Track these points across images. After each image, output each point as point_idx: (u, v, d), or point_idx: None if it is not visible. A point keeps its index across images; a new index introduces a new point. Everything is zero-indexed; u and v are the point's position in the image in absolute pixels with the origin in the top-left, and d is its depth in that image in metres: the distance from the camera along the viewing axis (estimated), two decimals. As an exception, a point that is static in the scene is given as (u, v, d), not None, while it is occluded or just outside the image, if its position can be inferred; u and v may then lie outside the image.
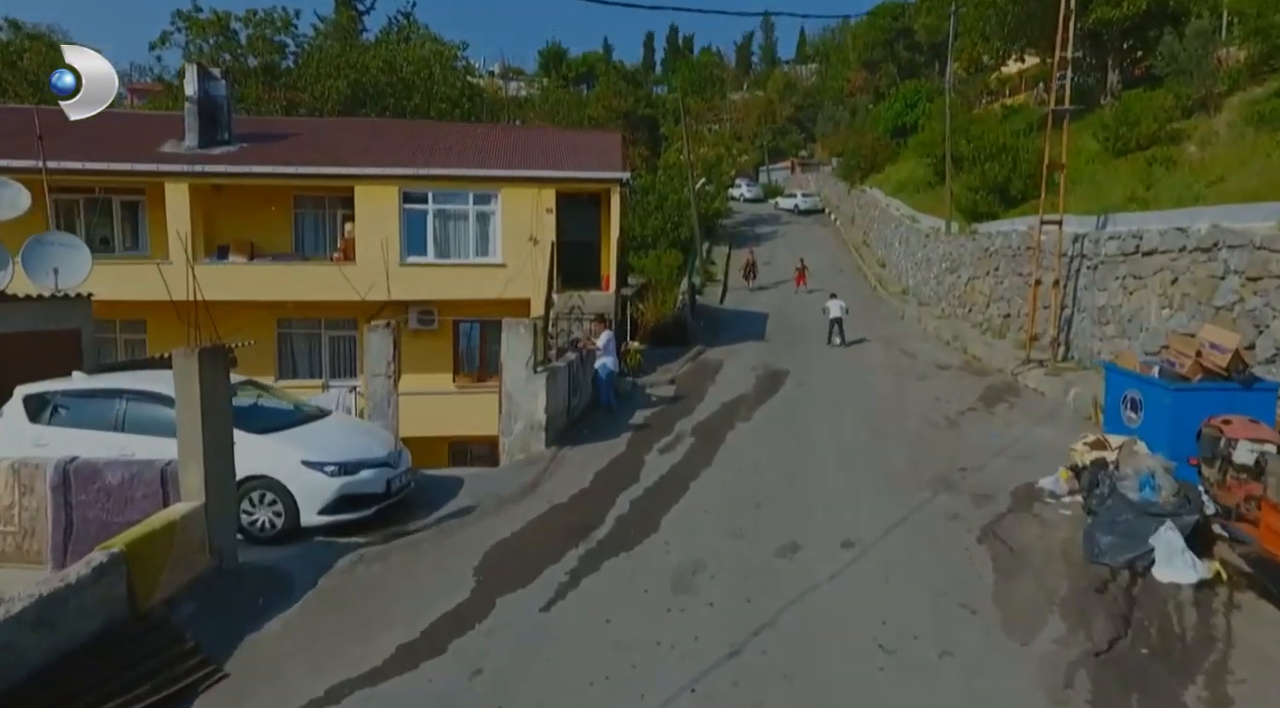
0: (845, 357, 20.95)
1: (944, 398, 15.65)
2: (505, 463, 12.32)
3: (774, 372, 18.85)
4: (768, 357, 20.87)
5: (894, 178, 44.61)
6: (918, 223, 33.19)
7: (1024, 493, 10.20)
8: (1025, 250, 20.09)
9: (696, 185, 38.84)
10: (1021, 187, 25.15)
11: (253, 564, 8.24)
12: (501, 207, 19.44)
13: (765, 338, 24.45)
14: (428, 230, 19.28)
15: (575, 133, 28.51)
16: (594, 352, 14.92)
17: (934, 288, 27.61)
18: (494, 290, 19.26)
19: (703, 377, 18.52)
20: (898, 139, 50.42)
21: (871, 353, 21.34)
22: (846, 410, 15.02)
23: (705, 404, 15.73)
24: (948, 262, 26.08)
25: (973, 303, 23.23)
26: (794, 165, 69.59)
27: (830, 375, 18.45)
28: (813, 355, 21.15)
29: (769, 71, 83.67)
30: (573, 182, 19.59)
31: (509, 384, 12.26)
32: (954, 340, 21.59)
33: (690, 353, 21.39)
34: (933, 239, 28.91)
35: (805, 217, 54.05)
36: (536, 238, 19.48)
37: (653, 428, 13.95)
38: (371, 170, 18.64)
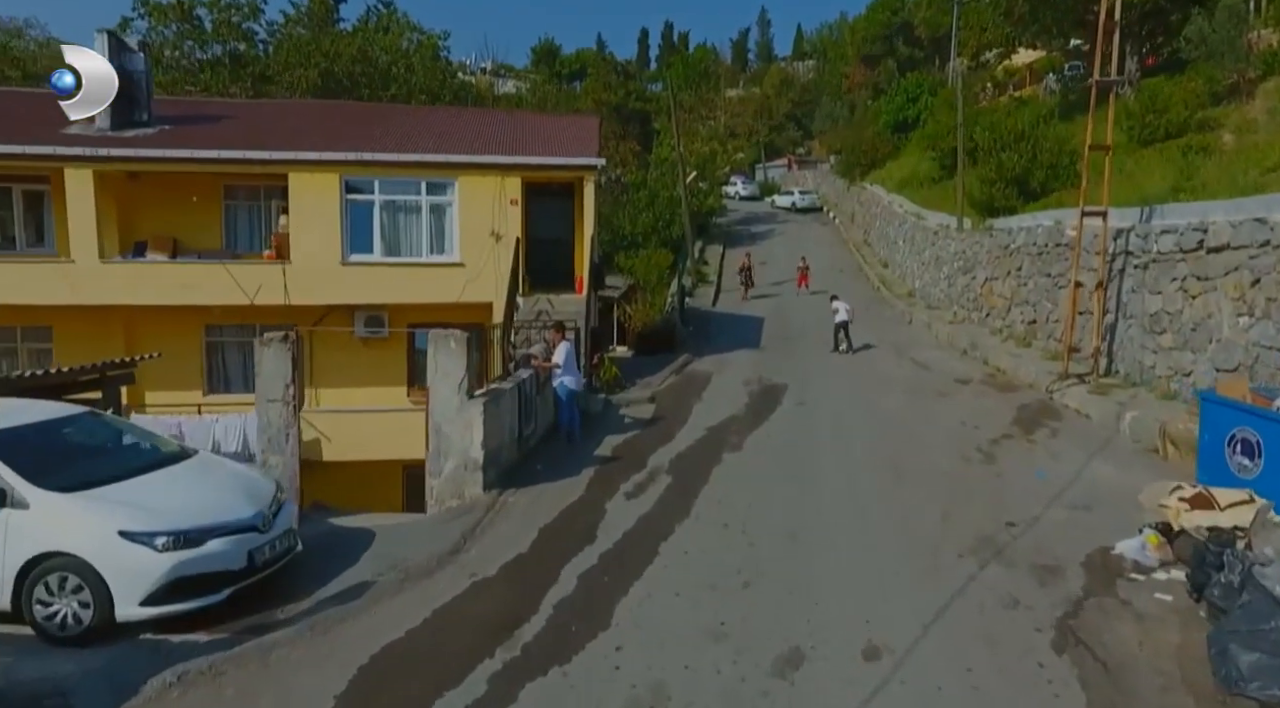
0: (850, 368, 18.34)
1: (971, 421, 13.05)
2: (432, 511, 9.71)
3: (769, 387, 16.24)
4: (763, 368, 18.26)
5: (896, 174, 42.03)
6: (924, 220, 30.60)
7: (1100, 563, 7.62)
8: (1054, 248, 17.51)
9: (688, 179, 36.20)
10: (1042, 178, 22.56)
11: (17, 685, 5.67)
12: (459, 197, 16.82)
13: (760, 345, 21.84)
14: (374, 224, 16.65)
15: (547, 116, 25.92)
16: (553, 369, 12.30)
17: (944, 290, 25.02)
18: (451, 293, 16.65)
19: (688, 393, 15.91)
20: (899, 134, 47.84)
21: (879, 363, 18.74)
22: (856, 438, 12.41)
23: (688, 429, 13.12)
24: (960, 261, 23.50)
25: (991, 307, 20.65)
26: (791, 162, 66.97)
27: (834, 392, 15.85)
28: (814, 366, 18.54)
29: (765, 68, 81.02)
30: (540, 169, 16.98)
31: (437, 413, 9.66)
32: (972, 349, 18.99)
33: (676, 363, 18.78)
34: (942, 237, 26.33)
35: (803, 215, 51.46)
36: (499, 233, 16.87)
37: (622, 462, 11.34)
38: (307, 155, 16.01)
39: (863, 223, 43.49)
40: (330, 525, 9.47)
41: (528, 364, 12.05)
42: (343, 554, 8.32)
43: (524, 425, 11.23)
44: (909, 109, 48.23)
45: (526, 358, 12.18)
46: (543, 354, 12.36)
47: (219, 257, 16.88)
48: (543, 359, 12.20)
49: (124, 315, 16.88)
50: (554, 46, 79.62)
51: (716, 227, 47.21)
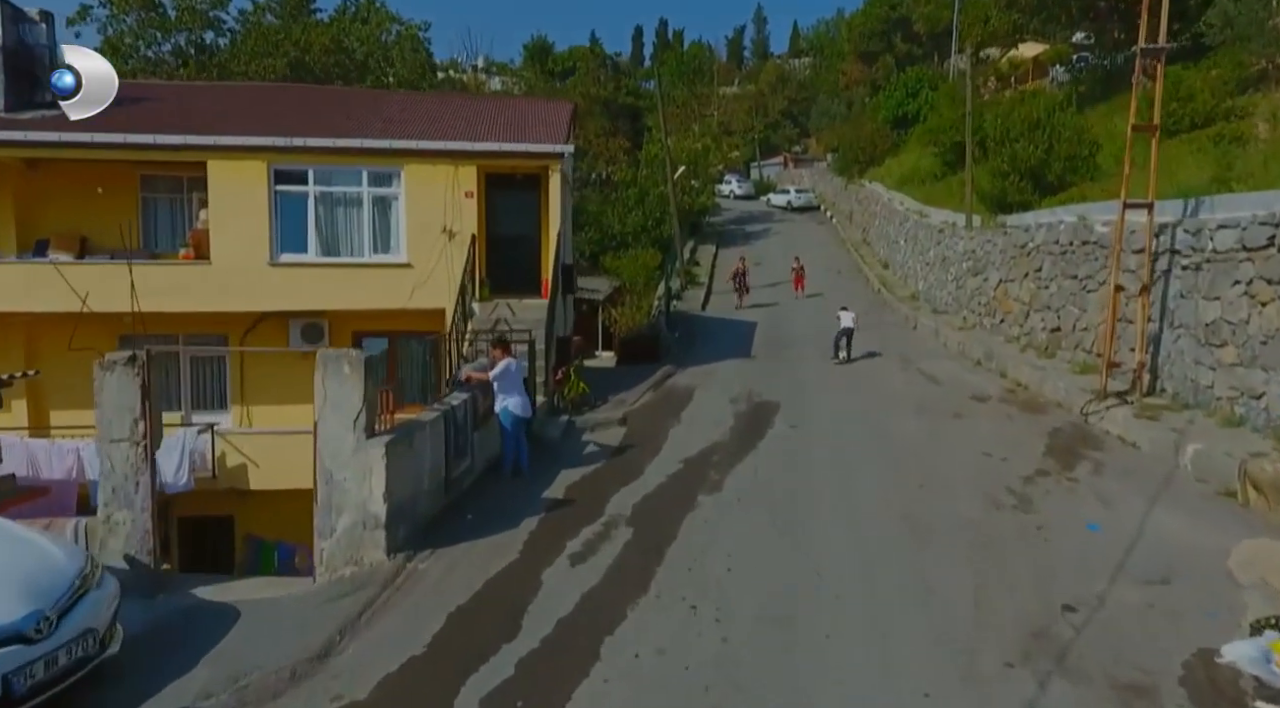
0: (851, 381, 16.14)
1: (996, 451, 10.85)
2: (321, 580, 7.51)
3: (759, 405, 14.05)
4: (753, 381, 16.06)
5: (896, 171, 39.86)
6: (927, 217, 28.41)
7: (1205, 679, 5.45)
8: (1080, 246, 15.33)
9: (676, 174, 34.02)
10: (1059, 170, 20.37)
11: None
12: (406, 189, 14.62)
13: (751, 354, 19.64)
14: (308, 219, 14.44)
15: (515, 99, 23.74)
16: (496, 391, 10.06)
17: (952, 292, 22.84)
18: (398, 298, 14.47)
19: (665, 413, 13.71)
20: (898, 130, 45.68)
21: (884, 376, 16.54)
22: (859, 474, 10.21)
23: (660, 461, 10.92)
24: (970, 261, 21.31)
25: (1006, 312, 18.46)
26: (787, 161, 64.72)
27: (833, 411, 13.66)
28: (810, 379, 16.34)
29: (761, 65, 78.79)
30: (498, 157, 14.77)
31: (327, 456, 7.46)
32: (987, 360, 16.80)
33: (655, 376, 16.56)
34: (948, 235, 24.13)
35: (799, 214, 49.25)
36: (452, 230, 14.69)
37: (574, 508, 9.15)
38: (228, 140, 13.79)
39: (861, 222, 41.32)
40: (193, 600, 7.28)
41: (463, 385, 9.85)
42: (180, 654, 6.14)
43: (454, 463, 9.03)
44: (909, 104, 46.07)
45: (462, 378, 9.96)
46: (479, 372, 10.14)
47: (135, 257, 14.66)
48: (476, 375, 9.99)
49: (25, 324, 14.68)
50: (547, 44, 77.21)
51: (710, 226, 45.04)
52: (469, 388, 9.76)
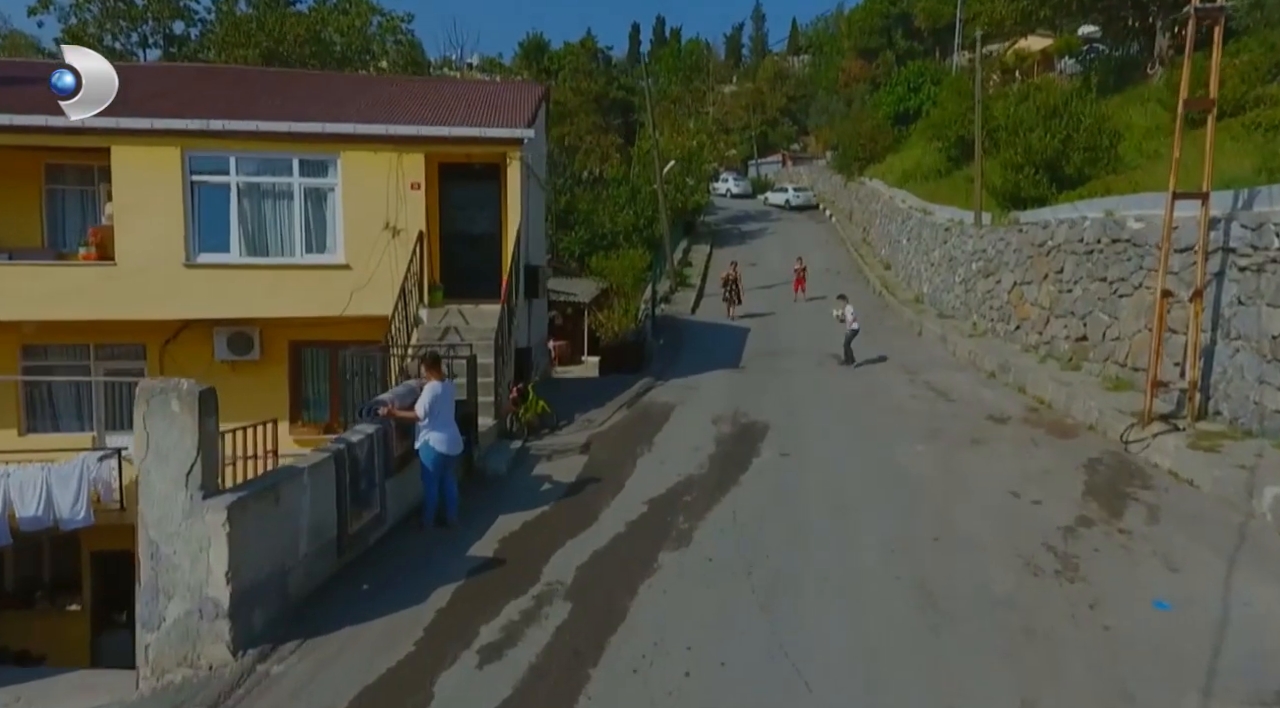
0: (851, 396, 14.19)
1: (1026, 490, 8.92)
2: (146, 686, 5.59)
3: (745, 426, 12.11)
4: (741, 396, 14.13)
5: (898, 167, 37.93)
6: (931, 215, 26.50)
7: None
8: (1110, 245, 13.39)
9: (665, 169, 32.09)
10: (1079, 162, 18.45)
11: None
12: (344, 179, 12.71)
13: (741, 364, 17.67)
14: (230, 214, 12.52)
15: (478, 83, 21.84)
16: (418, 420, 8.11)
17: (960, 295, 20.89)
18: (334, 303, 12.56)
19: (637, 437, 11.77)
20: (900, 127, 43.75)
21: (887, 389, 14.60)
22: (862, 524, 8.26)
23: (621, 503, 8.99)
24: (980, 262, 19.36)
25: (1022, 318, 16.51)
26: (785, 159, 62.75)
27: (830, 434, 11.71)
28: (805, 394, 14.40)
29: (759, 62, 76.76)
30: (447, 142, 12.84)
31: (151, 523, 5.55)
32: (1002, 372, 14.86)
33: (631, 390, 14.63)
34: (955, 234, 22.19)
35: (798, 212, 47.27)
36: (397, 226, 12.79)
37: (503, 572, 7.23)
38: (134, 122, 11.86)
39: (861, 221, 39.38)
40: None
41: (374, 416, 7.91)
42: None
43: (352, 516, 7.11)
44: (910, 99, 44.15)
45: (372, 407, 8.02)
46: (402, 401, 8.20)
47: (36, 257, 12.77)
48: (399, 407, 8.06)
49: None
50: (543, 42, 75.39)
51: (704, 225, 43.11)
52: (378, 421, 7.84)
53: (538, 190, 16.08)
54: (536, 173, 15.01)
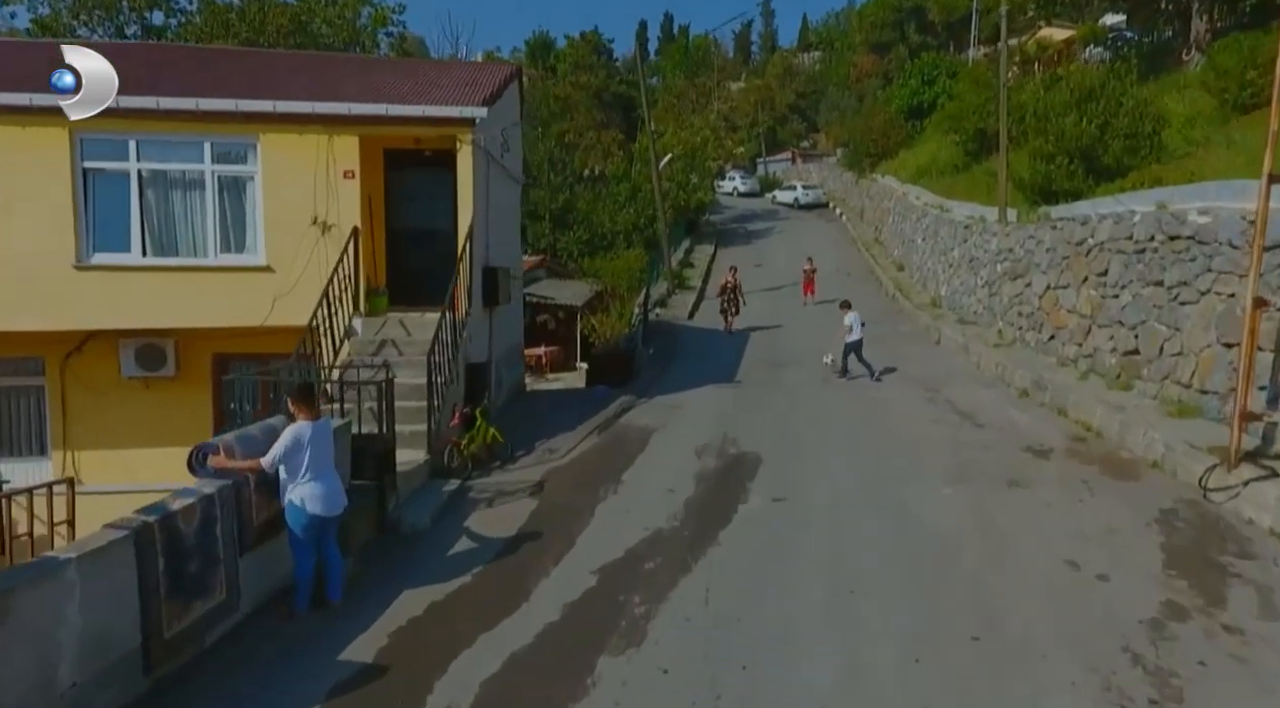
0: (860, 420, 12.05)
1: (1087, 559, 6.79)
2: None
3: (734, 460, 10.03)
4: (732, 418, 12.06)
5: (912, 163, 35.71)
6: (949, 213, 24.30)
7: None
8: (1167, 242, 11.21)
9: (662, 162, 30.06)
10: (1118, 151, 16.25)
11: None
12: (264, 166, 10.75)
13: (736, 378, 15.58)
14: (130, 208, 10.60)
15: (439, 63, 19.85)
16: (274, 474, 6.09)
17: (983, 299, 18.70)
18: (254, 312, 10.61)
19: (602, 473, 9.71)
20: (913, 121, 41.47)
21: (902, 409, 12.48)
22: (874, 612, 6.13)
23: (562, 572, 6.94)
24: (1006, 262, 17.17)
25: (1057, 326, 14.34)
26: (795, 156, 60.50)
27: (833, 471, 9.59)
28: (806, 417, 12.30)
29: (768, 59, 74.44)
30: (385, 123, 10.83)
31: None
32: (1037, 390, 12.70)
33: (608, 411, 12.58)
34: (976, 232, 19.99)
35: (807, 211, 45.06)
36: (327, 221, 10.82)
37: (378, 692, 5.21)
38: (12, 98, 9.96)
39: (873, 219, 37.17)
40: None
41: (205, 466, 5.89)
42: None
43: (174, 612, 5.10)
44: (924, 93, 41.82)
45: (202, 452, 5.99)
46: (247, 447, 6.16)
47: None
48: (240, 453, 6.03)
49: None
50: (548, 39, 73.50)
51: (709, 225, 41.04)
52: (216, 475, 5.82)
53: (505, 182, 14.07)
54: (500, 160, 12.99)
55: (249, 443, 6.20)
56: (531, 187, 36.21)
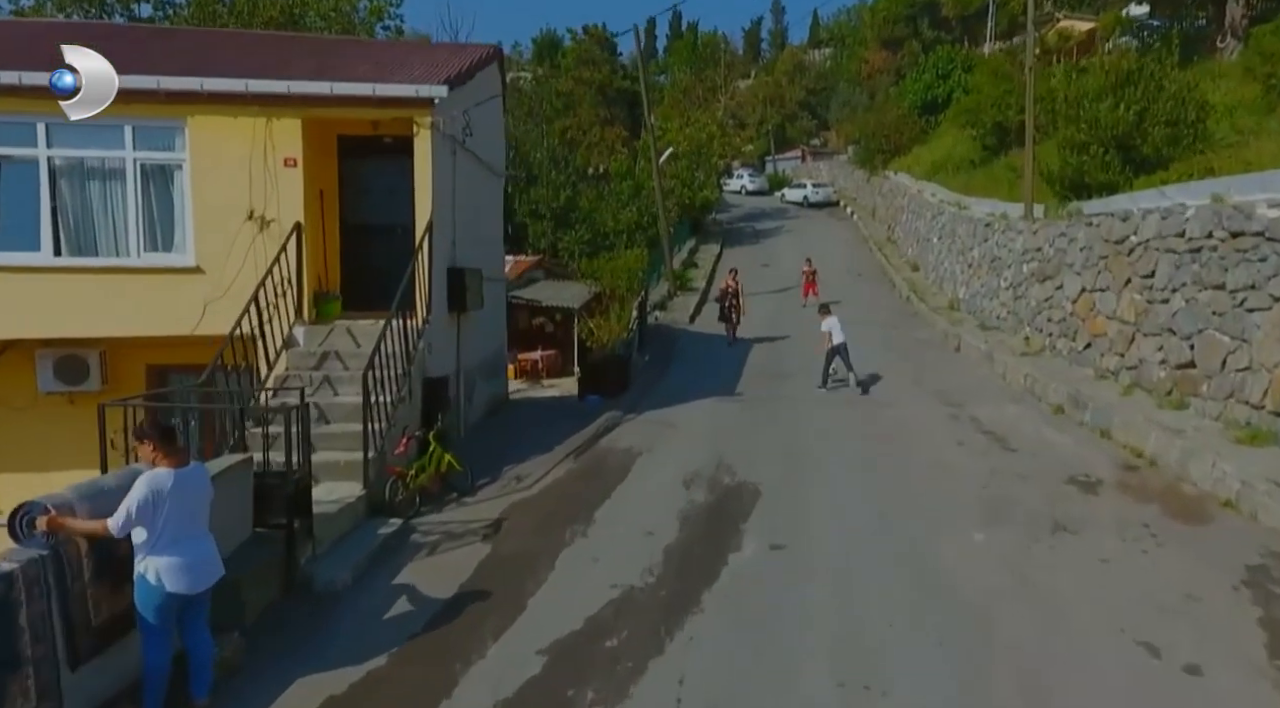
0: (874, 444, 10.53)
1: (1165, 640, 5.30)
2: None
3: (727, 493, 8.56)
4: (728, 439, 10.58)
5: (926, 159, 34.11)
6: (967, 210, 22.73)
7: None
8: (1229, 240, 9.66)
9: (662, 157, 28.64)
10: (1160, 140, 14.67)
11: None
12: (193, 153, 9.38)
13: (736, 389, 14.10)
14: (40, 201, 9.25)
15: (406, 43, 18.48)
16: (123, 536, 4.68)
17: (1007, 303, 17.13)
18: (183, 319, 9.24)
19: (572, 509, 8.26)
20: (927, 117, 39.82)
21: (924, 430, 10.97)
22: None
23: (503, 650, 5.50)
24: (1034, 262, 15.62)
25: (1094, 334, 12.79)
26: (805, 154, 58.79)
27: (845, 512, 8.08)
28: (812, 439, 10.78)
29: (778, 56, 72.74)
30: (331, 103, 9.43)
31: None
32: (1075, 407, 11.15)
33: (590, 430, 11.13)
34: (999, 230, 18.42)
35: (817, 210, 43.46)
36: (266, 216, 9.45)
37: None
38: (-104, 76, 8.66)
39: (885, 218, 35.59)
40: None
41: (31, 532, 4.50)
42: None
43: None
44: (939, 87, 40.16)
45: (26, 514, 4.60)
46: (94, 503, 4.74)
47: None
48: (82, 511, 4.63)
49: None
50: (556, 38, 72.08)
51: (715, 224, 39.50)
52: (36, 535, 4.43)
53: (479, 173, 12.65)
54: (470, 148, 11.56)
55: (99, 498, 4.78)
56: (532, 185, 34.90)
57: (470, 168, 11.97)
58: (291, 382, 8.82)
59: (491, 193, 14.29)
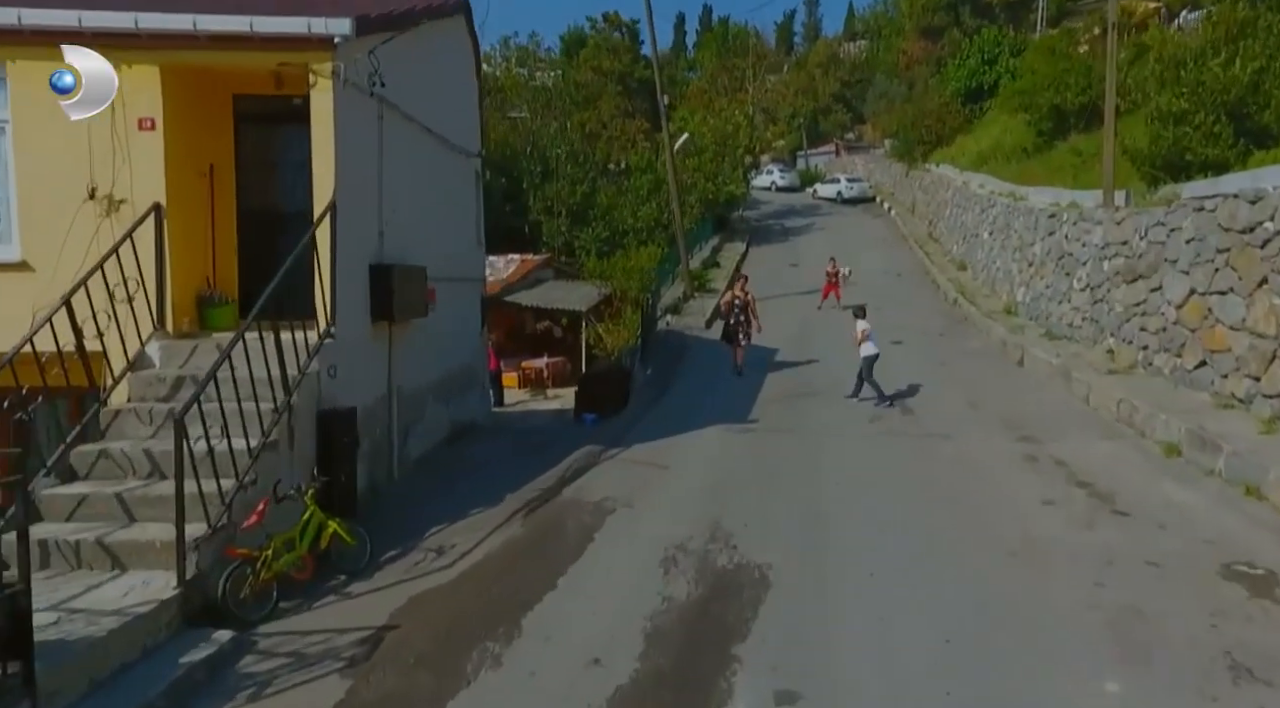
0: (930, 502, 7.79)
1: None
2: None
3: (720, 583, 5.91)
4: (728, 495, 7.88)
5: (971, 149, 31.01)
6: (1024, 200, 19.76)
7: None
8: None
9: (678, 142, 26.07)
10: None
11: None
12: (15, 110, 7.05)
13: (750, 415, 11.34)
14: None
15: None
16: None
17: (1081, 307, 14.18)
18: (7, 328, 6.88)
19: (494, 607, 5.67)
20: (972, 105, 36.60)
21: (992, 480, 8.19)
22: None
23: None
24: (1119, 259, 12.68)
25: (1212, 348, 9.88)
26: (838, 148, 55.61)
27: (891, 629, 5.38)
28: (844, 494, 8.02)
29: (811, 50, 69.48)
30: (198, 45, 6.97)
31: None
32: (1196, 447, 8.25)
33: (555, 472, 8.55)
34: (1067, 222, 15.44)
35: (851, 206, 40.43)
36: (115, 194, 7.06)
37: None
38: None
39: (926, 213, 32.53)
40: None
41: None
42: None
43: None
44: (985, 73, 36.88)
45: None
46: None
47: None
48: None
49: None
50: (583, 35, 69.89)
51: (742, 221, 36.77)
52: None
53: (432, 150, 10.17)
54: (411, 115, 9.08)
55: None
56: (547, 180, 32.53)
57: (416, 141, 9.51)
58: (124, 419, 6.42)
59: (458, 178, 11.82)
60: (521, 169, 32.68)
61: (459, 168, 11.88)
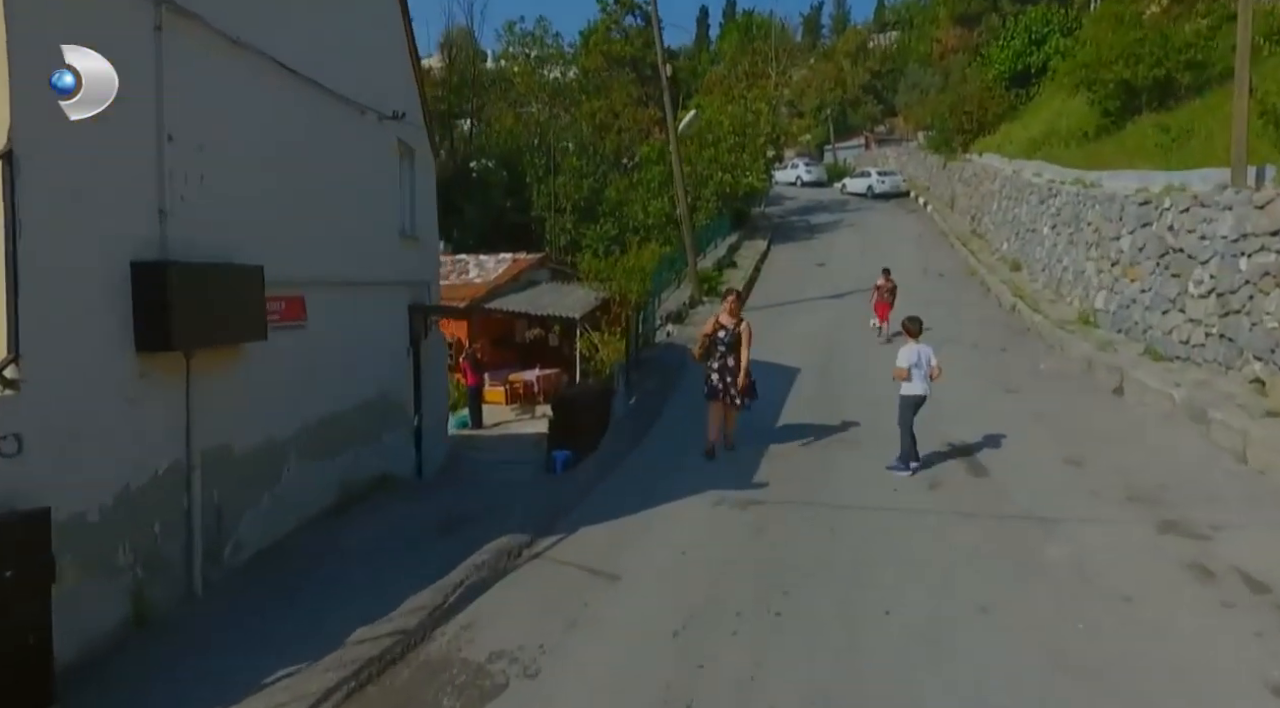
0: (1035, 676, 4.50)
1: None
2: None
3: None
4: (702, 647, 4.65)
5: (1020, 135, 27.31)
6: (1097, 187, 16.17)
7: None
8: None
9: (683, 122, 22.86)
10: None
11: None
12: None
13: (756, 473, 7.99)
14: None
15: None
16: None
17: (1201, 318, 10.58)
18: None
19: None
20: (1018, 89, 32.80)
21: (1127, 593, 4.88)
22: None
23: None
24: (1266, 255, 9.18)
25: None
26: (868, 141, 51.82)
27: None
28: (906, 654, 4.77)
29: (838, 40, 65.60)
30: None
31: None
32: None
33: (422, 601, 5.37)
34: (1172, 209, 11.86)
35: (883, 201, 36.76)
36: None
37: None
38: None
39: (968, 207, 28.87)
40: None
41: None
42: None
43: None
44: (1032, 55, 33.02)
45: None
46: None
47: None
48: None
49: None
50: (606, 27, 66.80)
51: (763, 217, 33.39)
52: None
53: (288, 89, 7.04)
54: (258, 47, 6.01)
55: None
56: (551, 174, 29.69)
57: (266, 83, 6.40)
58: None
59: (367, 147, 8.70)
60: (525, 163, 29.81)
61: (369, 134, 8.75)
